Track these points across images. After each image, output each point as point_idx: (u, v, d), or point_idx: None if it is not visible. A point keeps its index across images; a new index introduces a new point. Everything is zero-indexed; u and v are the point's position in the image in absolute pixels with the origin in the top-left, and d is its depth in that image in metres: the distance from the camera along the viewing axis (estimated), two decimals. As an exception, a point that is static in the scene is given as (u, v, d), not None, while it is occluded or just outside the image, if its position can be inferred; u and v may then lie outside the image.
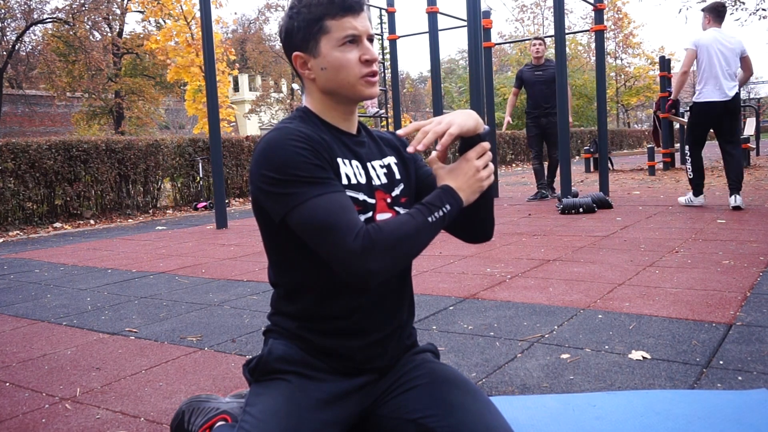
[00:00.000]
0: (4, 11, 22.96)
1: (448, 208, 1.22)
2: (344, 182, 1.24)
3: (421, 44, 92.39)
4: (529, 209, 6.69)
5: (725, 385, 1.82)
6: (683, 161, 11.37)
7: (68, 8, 23.27)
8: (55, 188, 7.93)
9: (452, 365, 1.85)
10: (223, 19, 34.75)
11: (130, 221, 8.26)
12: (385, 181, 1.32)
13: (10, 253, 5.67)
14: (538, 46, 7.38)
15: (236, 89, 32.72)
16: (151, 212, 9.10)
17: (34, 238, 6.87)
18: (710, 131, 5.88)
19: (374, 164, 1.32)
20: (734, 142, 5.68)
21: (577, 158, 18.90)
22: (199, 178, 9.73)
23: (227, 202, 8.72)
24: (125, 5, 24.75)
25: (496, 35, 35.14)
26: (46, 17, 23.84)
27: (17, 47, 23.90)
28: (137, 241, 6.06)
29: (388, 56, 10.44)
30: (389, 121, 10.74)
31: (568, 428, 1.59)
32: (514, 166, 18.19)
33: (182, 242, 5.73)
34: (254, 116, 30.95)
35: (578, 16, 47.35)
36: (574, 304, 2.80)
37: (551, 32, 7.87)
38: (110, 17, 25.20)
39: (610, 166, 12.59)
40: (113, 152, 8.51)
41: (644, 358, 2.07)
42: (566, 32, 7.18)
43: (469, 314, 2.73)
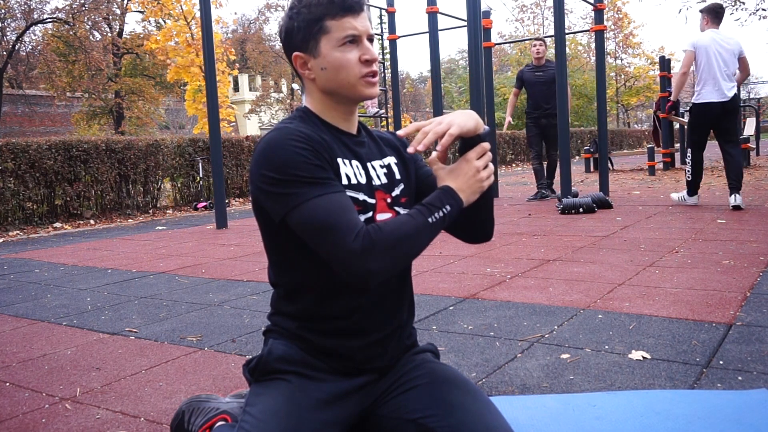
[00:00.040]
0: (4, 11, 22.97)
1: (448, 208, 1.22)
2: (344, 182, 1.24)
3: (421, 44, 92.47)
4: (529, 209, 6.69)
5: (725, 385, 1.82)
6: (683, 161, 11.39)
7: (68, 8, 23.28)
8: (55, 188, 7.93)
9: (452, 365, 1.85)
10: (223, 19, 34.78)
11: (130, 221, 8.27)
12: (385, 181, 1.32)
13: (10, 253, 5.67)
14: (538, 46, 7.37)
15: (236, 89, 32.72)
16: (151, 212, 9.10)
17: (34, 238, 6.87)
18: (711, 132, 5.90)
19: (374, 164, 1.32)
20: (733, 142, 5.71)
21: (577, 158, 18.90)
22: (199, 178, 9.73)
23: (227, 202, 8.72)
24: (125, 5, 24.76)
25: (496, 35, 35.15)
26: (46, 17, 23.85)
27: (17, 47, 23.91)
28: (137, 241, 6.07)
29: (388, 56, 10.44)
30: (389, 121, 10.74)
31: (568, 428, 1.59)
32: (514, 166, 18.19)
33: (182, 242, 5.73)
34: (254, 116, 30.95)
35: (578, 16, 47.41)
36: (574, 304, 2.80)
37: (551, 32, 7.87)
38: (110, 17, 25.21)
39: (610, 166, 12.59)
40: (113, 152, 8.51)
41: (644, 358, 2.07)
42: (566, 32, 7.18)
43: (469, 314, 2.73)
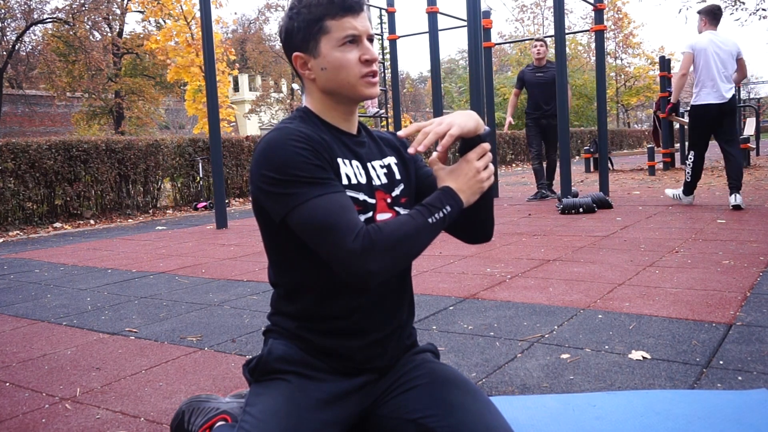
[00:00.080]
0: (4, 11, 22.97)
1: (448, 209, 1.22)
2: (344, 182, 1.24)
3: (421, 44, 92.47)
4: (529, 209, 6.69)
5: (725, 385, 1.82)
6: (684, 161, 11.39)
7: (68, 8, 23.28)
8: (55, 188, 7.93)
9: (452, 365, 1.85)
10: (223, 19, 34.76)
11: (130, 221, 8.27)
12: (385, 181, 1.32)
13: (10, 253, 5.67)
14: (539, 47, 7.36)
15: (236, 89, 32.72)
16: (151, 212, 9.10)
17: (34, 238, 6.87)
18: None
19: (374, 164, 1.32)
20: (733, 142, 5.74)
21: (577, 158, 18.90)
22: (199, 178, 9.73)
23: (227, 202, 8.72)
24: (125, 5, 24.76)
25: (496, 35, 35.15)
26: (46, 17, 23.85)
27: (17, 47, 23.91)
28: (137, 241, 6.07)
29: (388, 56, 10.44)
30: (389, 121, 10.74)
31: (568, 428, 1.59)
32: (514, 166, 18.19)
33: (182, 242, 5.73)
34: (254, 116, 30.96)
35: (578, 16, 47.42)
36: (574, 304, 2.80)
37: (551, 32, 7.86)
38: (110, 17, 25.22)
39: (610, 166, 12.59)
40: (113, 152, 8.51)
41: (644, 358, 2.07)
42: (566, 32, 7.18)
43: (469, 314, 2.73)
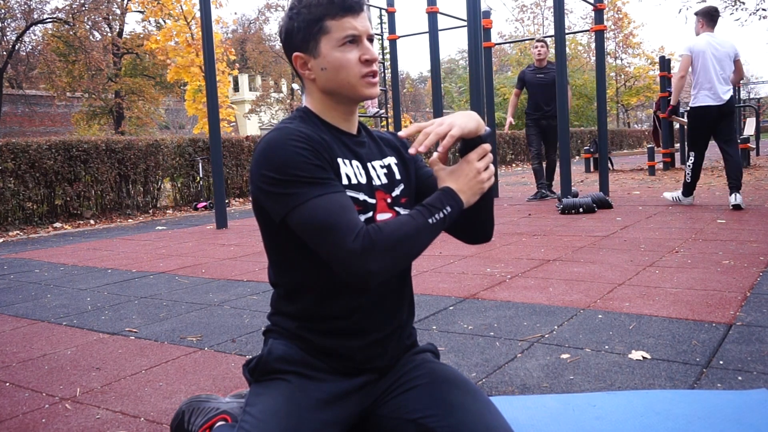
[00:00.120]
0: (4, 11, 22.97)
1: (448, 209, 1.22)
2: (344, 182, 1.24)
3: (421, 44, 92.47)
4: (529, 209, 6.69)
5: (725, 385, 1.82)
6: (684, 161, 11.39)
7: (68, 8, 23.28)
8: (55, 188, 7.93)
9: (452, 365, 1.85)
10: (223, 19, 34.76)
11: (130, 221, 8.27)
12: (385, 181, 1.32)
13: (10, 253, 5.67)
14: (540, 48, 7.35)
15: (236, 89, 32.72)
16: (151, 212, 9.10)
17: (34, 238, 6.87)
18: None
19: (374, 164, 1.32)
20: (731, 142, 5.81)
21: (577, 158, 18.90)
22: (199, 178, 9.73)
23: (227, 202, 8.72)
24: (125, 5, 24.75)
25: (496, 35, 35.14)
26: (46, 17, 23.85)
27: (17, 47, 23.91)
28: (137, 241, 6.07)
29: (388, 56, 10.44)
30: (389, 121, 10.74)
31: (568, 428, 1.59)
32: (514, 166, 18.19)
33: (182, 242, 5.73)
34: (254, 116, 30.96)
35: (578, 16, 47.40)
36: (574, 304, 2.80)
37: (551, 32, 7.86)
38: (110, 17, 25.22)
39: (610, 166, 12.59)
40: (113, 152, 8.51)
41: (644, 358, 2.07)
42: (566, 32, 7.17)
43: (469, 314, 2.73)
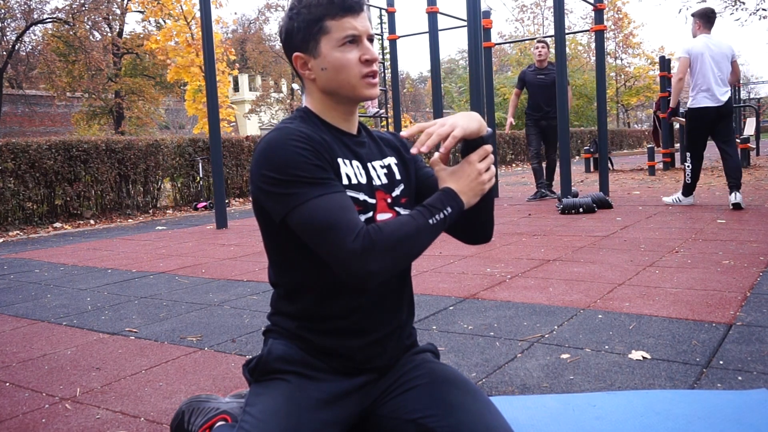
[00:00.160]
0: (4, 11, 22.97)
1: (449, 210, 1.22)
2: (345, 182, 1.24)
3: (421, 44, 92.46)
4: (529, 209, 6.69)
5: (725, 385, 1.82)
6: (683, 161, 11.40)
7: (68, 8, 23.28)
8: (55, 188, 7.93)
9: (452, 365, 1.85)
10: (223, 19, 34.74)
11: (130, 221, 8.27)
12: (385, 181, 1.32)
13: (10, 253, 5.67)
14: (540, 49, 7.34)
15: (236, 89, 32.72)
16: (151, 212, 9.10)
17: (34, 238, 6.87)
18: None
19: (375, 164, 1.32)
20: (729, 141, 5.86)
21: (577, 158, 18.90)
22: (199, 178, 9.73)
23: (227, 202, 8.72)
24: (125, 5, 24.75)
25: (496, 35, 35.14)
26: (46, 17, 23.85)
27: (17, 47, 23.91)
28: (137, 241, 6.07)
29: (388, 56, 10.44)
30: (389, 121, 10.74)
31: (568, 428, 1.59)
32: (514, 166, 18.19)
33: (182, 242, 5.73)
34: (254, 116, 30.96)
35: (578, 16, 47.42)
36: (574, 304, 2.80)
37: (551, 32, 7.86)
38: (110, 17, 25.22)
39: (610, 166, 12.59)
40: (113, 152, 8.51)
41: (644, 358, 2.07)
42: (566, 32, 7.17)
43: (469, 314, 2.73)
